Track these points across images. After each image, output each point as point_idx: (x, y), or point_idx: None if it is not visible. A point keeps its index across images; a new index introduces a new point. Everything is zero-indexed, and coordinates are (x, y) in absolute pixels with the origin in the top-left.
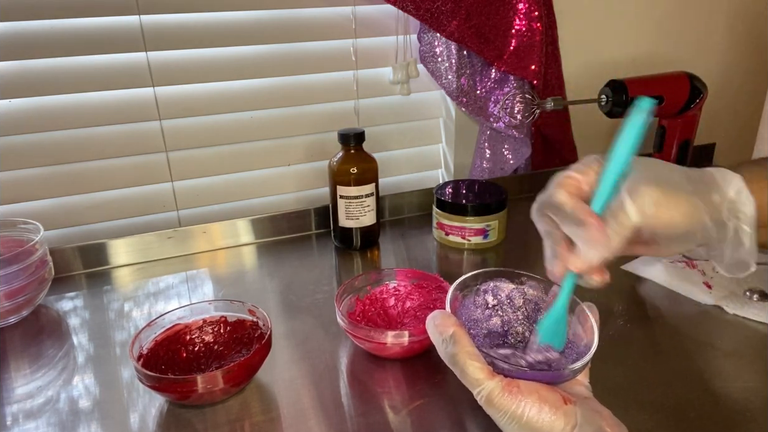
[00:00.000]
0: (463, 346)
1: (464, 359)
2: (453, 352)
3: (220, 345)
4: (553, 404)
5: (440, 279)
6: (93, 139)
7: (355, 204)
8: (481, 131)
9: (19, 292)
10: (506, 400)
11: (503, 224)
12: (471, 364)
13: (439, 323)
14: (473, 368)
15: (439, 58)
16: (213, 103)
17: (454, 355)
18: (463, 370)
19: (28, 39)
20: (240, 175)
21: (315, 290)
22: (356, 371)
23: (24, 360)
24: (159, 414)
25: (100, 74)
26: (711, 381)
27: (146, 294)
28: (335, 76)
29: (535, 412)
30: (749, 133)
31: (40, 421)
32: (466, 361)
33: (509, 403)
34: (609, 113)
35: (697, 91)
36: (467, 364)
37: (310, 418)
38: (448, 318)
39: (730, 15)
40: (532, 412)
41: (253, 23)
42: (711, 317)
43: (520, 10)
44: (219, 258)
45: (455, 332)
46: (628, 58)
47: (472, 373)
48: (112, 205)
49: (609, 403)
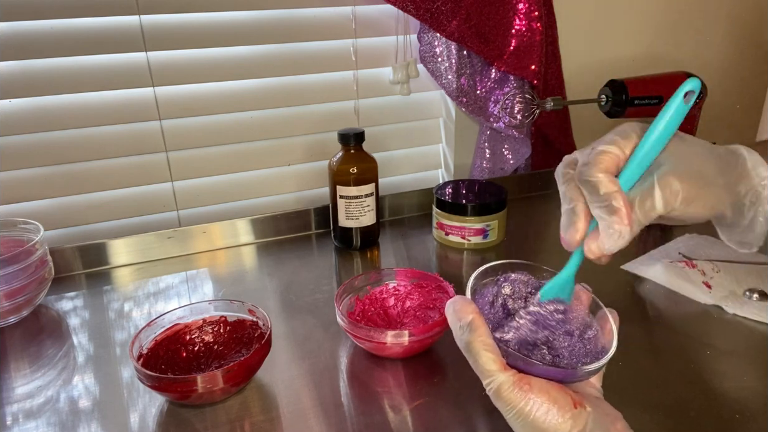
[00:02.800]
0: (479, 335)
1: (479, 348)
2: (468, 339)
3: (220, 345)
4: (562, 406)
5: (440, 279)
6: (93, 139)
7: (355, 204)
8: (481, 131)
9: (19, 292)
10: (515, 396)
11: (503, 224)
12: (485, 354)
13: (459, 308)
14: (486, 358)
15: (439, 58)
16: (213, 103)
17: (470, 342)
18: (476, 359)
19: (28, 39)
20: (240, 175)
21: (315, 290)
22: (356, 371)
23: (24, 360)
24: (159, 414)
25: (100, 74)
26: (711, 381)
27: (146, 294)
28: (335, 76)
29: (542, 412)
30: (749, 133)
31: (40, 421)
32: (480, 350)
33: (518, 398)
34: (609, 113)
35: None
36: (481, 353)
37: (310, 418)
38: (468, 305)
39: (730, 15)
40: (540, 411)
41: (253, 23)
42: (711, 317)
43: (520, 10)
44: (219, 258)
45: (473, 320)
46: (628, 58)
47: (485, 363)
48: (112, 205)
49: (609, 402)
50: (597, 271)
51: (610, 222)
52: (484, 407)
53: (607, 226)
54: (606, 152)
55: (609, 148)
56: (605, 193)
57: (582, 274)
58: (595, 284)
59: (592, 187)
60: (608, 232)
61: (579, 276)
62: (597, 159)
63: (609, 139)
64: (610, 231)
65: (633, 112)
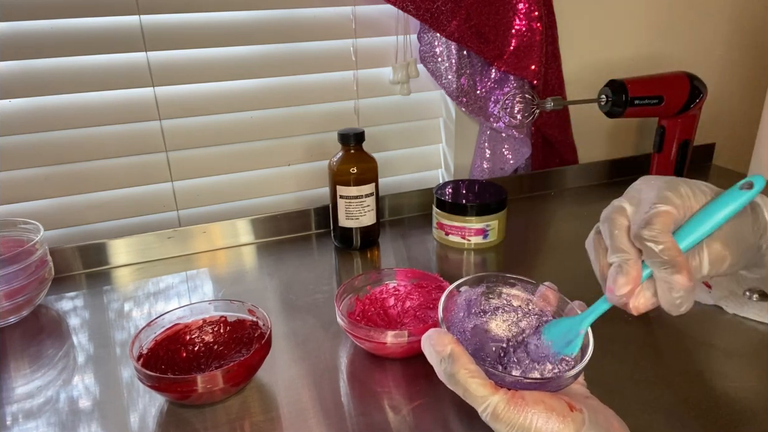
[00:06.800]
0: (462, 364)
1: (465, 377)
2: (452, 371)
3: (220, 345)
4: (560, 412)
5: (440, 279)
6: (93, 139)
7: (355, 204)
8: (481, 131)
9: (19, 292)
10: (512, 413)
11: (503, 224)
12: (473, 382)
13: (436, 341)
14: (476, 385)
15: (439, 58)
16: (213, 103)
17: (454, 374)
18: (466, 389)
19: (28, 39)
20: (240, 175)
21: (315, 290)
22: (356, 371)
23: (24, 360)
24: (159, 414)
25: (100, 74)
26: (711, 381)
27: (146, 294)
28: (335, 76)
29: (543, 422)
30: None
31: (40, 421)
32: (467, 379)
33: (516, 415)
34: (609, 113)
35: (697, 91)
36: (469, 382)
37: (310, 418)
38: (444, 336)
39: (730, 15)
40: (539, 422)
41: (253, 23)
42: (711, 317)
43: (520, 10)
44: (219, 258)
45: (453, 350)
46: (628, 58)
47: (475, 390)
48: (112, 205)
49: (609, 403)
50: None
51: (673, 278)
52: None
53: (668, 281)
54: (668, 213)
55: (669, 209)
56: (666, 249)
57: (582, 274)
58: (594, 286)
59: (654, 246)
60: (670, 292)
61: (579, 277)
62: (658, 219)
63: (664, 196)
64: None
65: (633, 112)
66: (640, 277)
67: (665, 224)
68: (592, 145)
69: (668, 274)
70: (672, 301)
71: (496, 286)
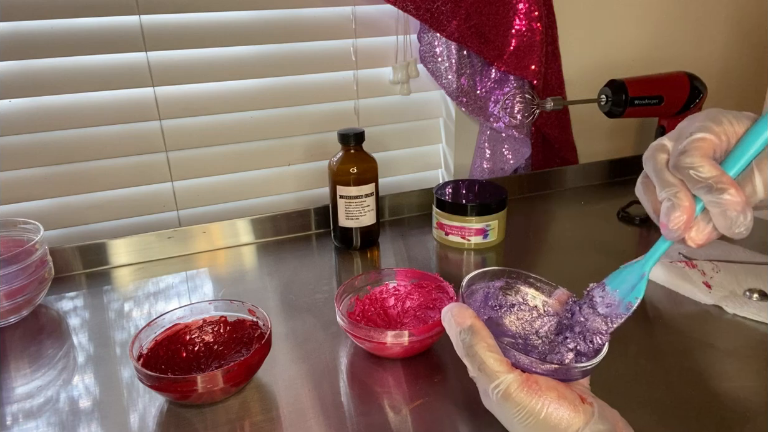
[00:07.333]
0: (481, 338)
1: (483, 350)
2: (471, 343)
3: (220, 345)
4: (572, 402)
5: (440, 279)
6: (93, 139)
7: (355, 204)
8: (481, 131)
9: (19, 292)
10: (525, 395)
11: (503, 224)
12: (490, 356)
13: (456, 314)
14: (493, 360)
15: (439, 58)
16: (213, 103)
17: (472, 346)
18: (483, 361)
19: (28, 39)
20: (240, 175)
21: (315, 290)
22: (356, 371)
23: (24, 360)
24: (159, 414)
25: (100, 74)
26: (711, 380)
27: (146, 294)
28: (335, 76)
29: (554, 408)
30: None
31: (40, 421)
32: (486, 352)
33: (528, 398)
34: (609, 113)
35: (697, 91)
36: (487, 355)
37: (310, 418)
38: (465, 310)
39: (730, 15)
40: (551, 408)
41: (253, 23)
42: (711, 317)
43: (520, 10)
44: (219, 258)
45: (474, 323)
46: (628, 58)
47: (492, 365)
48: (112, 205)
49: (609, 403)
50: (597, 272)
51: (723, 200)
52: (485, 407)
53: (720, 204)
54: (704, 139)
55: (706, 136)
56: (710, 174)
57: (582, 274)
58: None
59: (694, 173)
60: (726, 210)
61: (579, 276)
62: (695, 145)
63: (702, 125)
64: (726, 207)
65: (633, 112)
66: (692, 207)
67: (703, 150)
68: (592, 145)
69: (716, 197)
70: (729, 224)
71: (516, 283)
